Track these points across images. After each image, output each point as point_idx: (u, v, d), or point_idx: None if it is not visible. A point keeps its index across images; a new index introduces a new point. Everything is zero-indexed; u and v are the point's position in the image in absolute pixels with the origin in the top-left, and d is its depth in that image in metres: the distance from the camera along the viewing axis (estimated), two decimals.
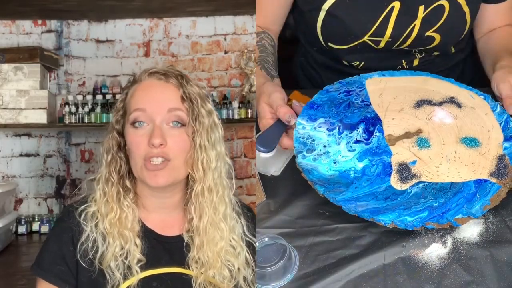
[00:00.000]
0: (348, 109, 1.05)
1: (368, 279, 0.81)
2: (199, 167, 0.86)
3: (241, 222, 0.92)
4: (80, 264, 0.83)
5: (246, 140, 2.53)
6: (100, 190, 0.87)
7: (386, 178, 0.91)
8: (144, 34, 2.52)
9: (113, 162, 0.88)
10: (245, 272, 0.88)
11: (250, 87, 2.45)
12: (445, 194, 0.87)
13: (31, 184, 2.42)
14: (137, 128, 0.84)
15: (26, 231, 2.23)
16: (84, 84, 2.48)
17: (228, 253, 0.87)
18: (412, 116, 1.01)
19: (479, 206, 0.84)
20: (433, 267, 0.81)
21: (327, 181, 0.92)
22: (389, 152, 0.95)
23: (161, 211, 0.90)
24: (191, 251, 0.87)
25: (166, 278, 0.85)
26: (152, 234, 0.88)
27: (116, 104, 0.91)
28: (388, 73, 1.13)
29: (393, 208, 0.86)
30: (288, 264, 0.83)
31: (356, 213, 0.86)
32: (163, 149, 0.83)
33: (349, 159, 0.96)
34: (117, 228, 0.84)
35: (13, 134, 2.41)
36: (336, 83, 1.12)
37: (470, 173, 0.89)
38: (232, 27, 2.53)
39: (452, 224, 0.83)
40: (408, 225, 0.83)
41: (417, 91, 1.06)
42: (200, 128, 0.86)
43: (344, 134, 1.00)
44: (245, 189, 2.51)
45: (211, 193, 0.87)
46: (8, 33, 2.43)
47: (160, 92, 0.86)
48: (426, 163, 0.92)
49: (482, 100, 1.04)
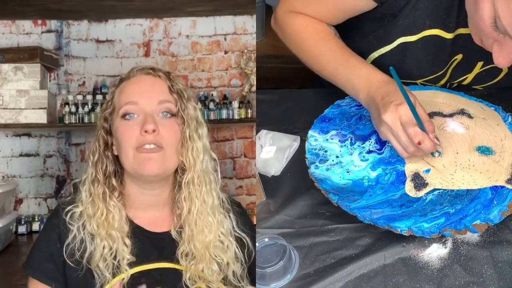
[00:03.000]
0: (360, 121, 1.06)
1: (368, 280, 0.81)
2: (189, 156, 0.87)
3: (230, 218, 0.93)
4: (67, 263, 0.83)
5: (246, 140, 2.53)
6: (86, 191, 0.88)
7: (401, 186, 0.91)
8: (144, 34, 2.52)
9: (99, 162, 0.89)
10: (234, 266, 0.89)
11: (250, 87, 2.45)
12: (462, 200, 0.86)
13: (31, 184, 2.42)
14: (128, 120, 0.86)
15: (26, 231, 2.23)
16: (84, 84, 2.48)
17: (216, 248, 0.88)
18: None
19: (497, 212, 0.83)
20: (433, 268, 0.81)
21: (341, 189, 0.92)
22: (402, 161, 0.95)
23: (150, 209, 0.90)
24: (181, 244, 0.87)
25: (155, 273, 0.85)
26: (141, 231, 0.88)
27: (104, 104, 0.92)
28: None
29: (409, 215, 0.85)
30: (288, 264, 0.83)
31: (371, 221, 0.85)
32: (156, 136, 0.84)
33: (362, 168, 0.96)
34: (105, 229, 0.85)
35: (13, 134, 2.41)
36: (347, 98, 1.13)
37: (486, 180, 0.89)
38: (232, 27, 2.53)
39: (470, 230, 0.81)
40: (425, 231, 0.82)
41: (427, 104, 1.06)
42: (188, 119, 0.88)
43: (357, 145, 1.01)
44: (245, 189, 2.51)
45: (200, 183, 0.88)
46: (8, 33, 2.42)
47: (150, 85, 0.88)
48: (440, 171, 0.92)
49: (493, 112, 1.05)
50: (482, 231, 0.83)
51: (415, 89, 1.14)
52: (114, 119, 0.89)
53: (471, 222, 0.82)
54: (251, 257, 0.91)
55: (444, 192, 0.89)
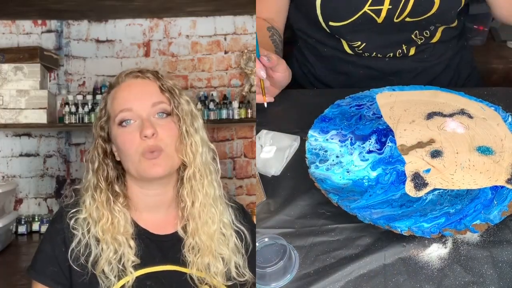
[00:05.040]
0: (360, 121, 1.07)
1: (369, 279, 0.81)
2: (188, 152, 0.88)
3: (229, 211, 0.94)
4: (73, 267, 0.83)
5: (246, 140, 2.53)
6: (90, 197, 0.88)
7: (401, 186, 0.91)
8: (144, 34, 2.52)
9: (100, 170, 0.89)
10: (236, 258, 0.90)
11: (250, 87, 2.45)
12: (462, 200, 0.87)
13: (31, 184, 2.42)
14: (125, 126, 0.86)
15: (26, 231, 2.23)
16: (84, 84, 2.48)
17: (219, 241, 0.89)
18: (424, 127, 1.02)
19: (497, 212, 0.83)
20: (434, 267, 0.81)
21: (341, 189, 0.92)
22: (403, 161, 0.95)
23: (153, 211, 0.90)
24: (186, 239, 0.88)
25: (160, 276, 0.85)
26: (145, 234, 0.88)
27: (98, 113, 0.92)
28: (398, 88, 1.15)
29: (409, 214, 0.85)
30: (288, 264, 0.83)
31: (371, 221, 0.85)
32: (155, 140, 0.84)
33: (363, 168, 0.96)
34: (110, 234, 0.85)
35: (13, 134, 2.41)
36: (347, 98, 1.14)
37: (486, 180, 0.89)
38: (232, 27, 2.53)
39: (470, 230, 0.82)
40: (425, 231, 0.82)
41: (427, 103, 1.08)
42: (184, 115, 0.88)
43: (357, 145, 1.01)
44: (245, 189, 2.51)
45: (202, 176, 0.89)
46: (8, 33, 2.42)
47: (141, 88, 0.89)
48: (440, 171, 0.92)
49: (493, 112, 1.05)
50: (482, 231, 0.83)
51: (415, 88, 1.14)
52: (111, 126, 0.89)
53: (471, 222, 0.82)
54: (249, 251, 0.92)
55: (444, 192, 0.89)
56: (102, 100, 0.93)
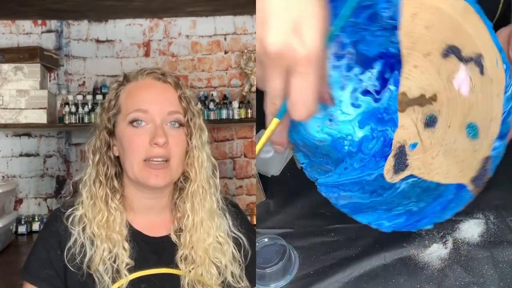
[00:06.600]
0: (370, 24, 0.78)
1: (369, 280, 0.80)
2: (195, 166, 0.87)
3: (226, 218, 0.92)
4: (68, 268, 0.82)
5: (246, 140, 2.53)
6: (87, 192, 0.87)
7: (381, 163, 0.83)
8: (144, 34, 2.52)
9: (101, 163, 0.88)
10: (232, 267, 0.88)
11: (250, 87, 2.45)
12: (427, 196, 0.81)
13: (31, 184, 2.42)
14: (136, 127, 0.84)
15: (26, 231, 2.23)
16: (84, 84, 2.48)
17: (215, 250, 0.88)
18: (435, 70, 0.83)
19: (450, 215, 0.77)
20: (434, 268, 0.81)
21: (315, 149, 0.79)
22: (395, 123, 0.82)
23: (148, 213, 0.89)
24: (180, 250, 0.87)
25: (155, 279, 0.84)
26: (140, 236, 0.87)
27: (106, 103, 0.89)
28: None
29: (375, 207, 0.81)
30: (288, 264, 0.83)
31: (335, 205, 0.80)
32: (165, 149, 0.83)
33: (349, 120, 0.81)
34: (105, 231, 0.84)
35: (13, 134, 2.41)
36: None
37: (456, 174, 0.81)
38: (232, 27, 2.53)
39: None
40: (383, 229, 0.79)
41: (452, 28, 0.81)
42: (195, 129, 0.87)
43: (354, 73, 0.80)
44: (245, 189, 2.51)
45: (204, 191, 0.88)
46: (8, 33, 2.42)
47: (161, 92, 0.87)
48: (425, 149, 0.84)
49: (502, 73, 0.77)
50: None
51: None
52: (119, 121, 0.87)
53: (425, 226, 0.78)
54: (247, 257, 0.91)
55: (417, 182, 0.83)
56: (112, 90, 0.89)
